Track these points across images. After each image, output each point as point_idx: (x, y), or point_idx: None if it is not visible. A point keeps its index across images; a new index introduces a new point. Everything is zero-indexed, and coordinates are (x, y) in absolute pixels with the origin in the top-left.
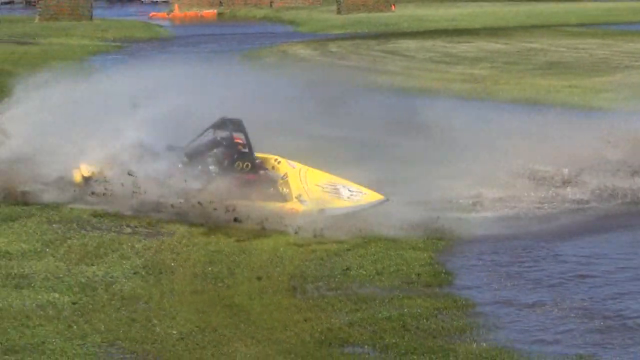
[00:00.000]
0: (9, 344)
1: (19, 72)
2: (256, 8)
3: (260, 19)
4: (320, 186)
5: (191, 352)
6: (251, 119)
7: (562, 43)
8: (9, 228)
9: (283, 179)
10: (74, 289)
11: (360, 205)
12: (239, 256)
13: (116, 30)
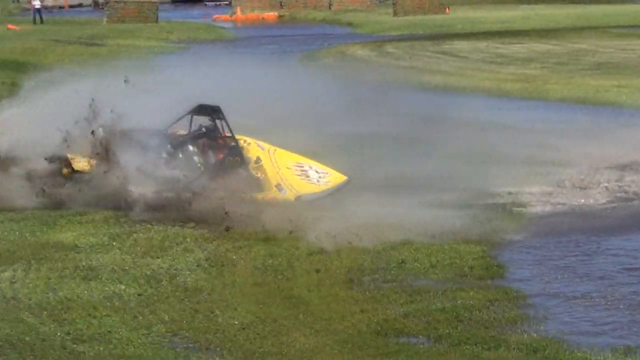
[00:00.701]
0: (77, 333)
1: (87, 73)
2: (315, 10)
3: (319, 21)
4: (290, 169)
5: (252, 342)
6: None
7: (611, 44)
8: (77, 222)
9: (257, 164)
10: (140, 280)
11: (330, 188)
12: (298, 249)
13: (181, 32)
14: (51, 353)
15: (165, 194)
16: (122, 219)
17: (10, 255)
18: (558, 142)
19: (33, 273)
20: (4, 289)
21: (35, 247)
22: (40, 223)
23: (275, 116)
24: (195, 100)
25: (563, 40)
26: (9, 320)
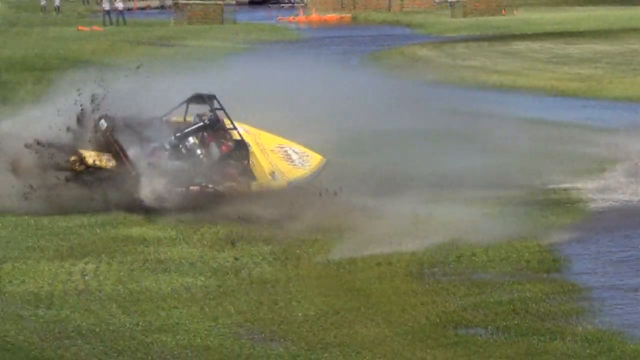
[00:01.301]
0: (145, 324)
1: (161, 72)
2: (377, 12)
3: (380, 22)
4: (275, 152)
5: (315, 333)
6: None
7: None
8: (145, 217)
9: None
10: (206, 273)
11: (314, 171)
12: (359, 242)
13: (246, 33)
14: (121, 343)
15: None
16: (189, 214)
17: (82, 249)
18: (612, 139)
19: (104, 266)
20: (75, 281)
21: (106, 242)
22: (110, 218)
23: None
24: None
25: (616, 40)
26: (80, 312)
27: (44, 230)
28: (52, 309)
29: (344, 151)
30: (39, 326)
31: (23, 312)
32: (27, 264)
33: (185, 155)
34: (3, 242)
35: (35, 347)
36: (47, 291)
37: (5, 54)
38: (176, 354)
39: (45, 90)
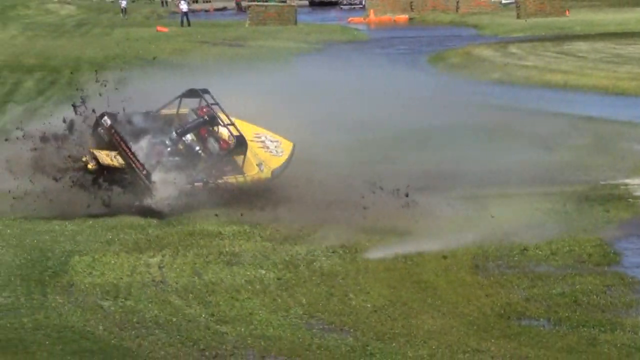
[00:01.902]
0: (220, 315)
1: (230, 72)
2: (443, 13)
3: (446, 23)
4: (254, 141)
5: (383, 323)
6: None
7: None
8: (220, 211)
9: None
10: (279, 266)
11: (288, 158)
12: (427, 236)
13: (318, 34)
14: (196, 333)
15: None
16: (260, 209)
17: (159, 242)
18: None
19: (180, 259)
20: (153, 273)
21: (182, 235)
22: (190, 210)
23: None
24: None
25: None
26: (158, 302)
27: (121, 224)
28: (131, 299)
29: (409, 148)
30: (118, 316)
31: (103, 303)
32: (106, 257)
33: (186, 151)
34: (83, 236)
35: (114, 336)
36: (125, 283)
37: (88, 54)
38: (250, 343)
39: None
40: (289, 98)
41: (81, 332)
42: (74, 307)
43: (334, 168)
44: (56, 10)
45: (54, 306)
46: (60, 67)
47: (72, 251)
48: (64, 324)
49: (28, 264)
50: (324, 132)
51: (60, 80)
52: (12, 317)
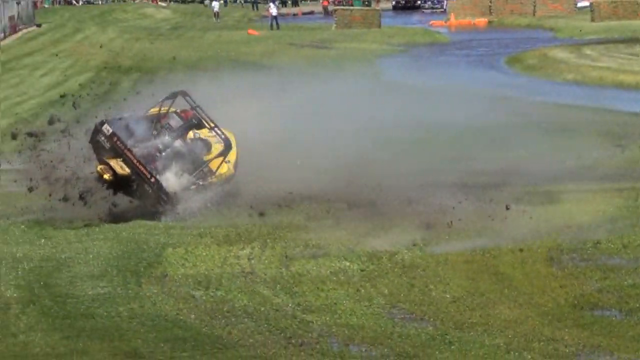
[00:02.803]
0: (306, 304)
1: (318, 72)
2: (521, 16)
3: (524, 26)
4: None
5: (462, 313)
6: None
7: None
8: (306, 206)
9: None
10: (362, 258)
11: (237, 150)
12: (504, 230)
13: (401, 36)
14: (283, 322)
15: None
16: (326, 204)
17: (248, 235)
18: None
19: (268, 251)
20: (242, 264)
21: (271, 228)
22: (276, 205)
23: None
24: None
25: None
26: (247, 292)
27: (212, 218)
28: (221, 290)
29: (486, 145)
30: (209, 305)
31: (195, 293)
32: (198, 249)
33: (178, 154)
34: (176, 229)
35: (205, 325)
36: (216, 274)
37: (182, 56)
38: (334, 331)
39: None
40: (371, 97)
41: (174, 320)
42: (167, 297)
43: (413, 164)
44: (152, 14)
45: (149, 296)
46: (156, 68)
47: (165, 244)
48: (158, 313)
49: (124, 255)
50: (403, 130)
51: (155, 80)
52: (109, 306)
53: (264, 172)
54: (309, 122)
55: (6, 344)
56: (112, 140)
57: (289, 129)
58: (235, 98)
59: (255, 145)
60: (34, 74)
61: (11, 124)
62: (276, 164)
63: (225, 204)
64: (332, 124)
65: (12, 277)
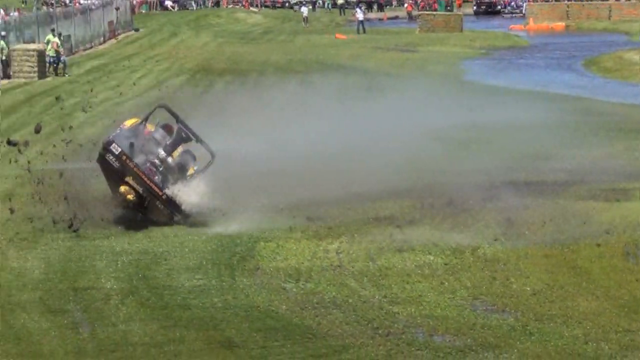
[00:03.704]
0: (392, 297)
1: (403, 75)
2: (597, 21)
3: (600, 30)
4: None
5: (541, 305)
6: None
7: None
8: (392, 203)
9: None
10: (446, 252)
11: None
12: (582, 226)
13: (482, 40)
14: (370, 313)
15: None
16: (410, 201)
17: (337, 229)
18: None
19: (356, 245)
20: (331, 258)
21: (358, 223)
22: (368, 200)
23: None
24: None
25: None
26: (335, 285)
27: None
28: (311, 282)
29: (564, 144)
30: (300, 297)
31: (286, 285)
32: (289, 243)
33: (171, 167)
34: (268, 224)
35: (296, 315)
36: (306, 267)
37: (273, 59)
38: (419, 322)
39: (305, 91)
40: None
41: (266, 311)
42: (259, 289)
43: (492, 162)
44: (244, 19)
45: (242, 288)
46: (247, 71)
47: (258, 238)
48: (251, 304)
49: (218, 249)
50: (482, 129)
51: (247, 82)
52: (204, 298)
53: (351, 170)
54: (391, 123)
55: (107, 333)
56: (121, 159)
57: (372, 131)
58: (322, 100)
59: (343, 144)
60: (132, 76)
61: (110, 124)
62: (362, 163)
63: (310, 200)
64: (413, 125)
65: (112, 270)
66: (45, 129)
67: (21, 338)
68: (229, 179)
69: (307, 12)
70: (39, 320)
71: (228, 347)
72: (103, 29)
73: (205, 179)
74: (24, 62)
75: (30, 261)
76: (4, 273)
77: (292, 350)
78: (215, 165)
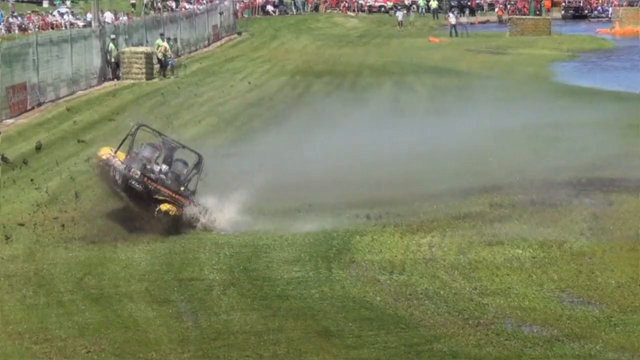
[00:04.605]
0: (482, 289)
1: (493, 76)
2: None
3: None
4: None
5: (626, 297)
6: None
7: None
8: (481, 199)
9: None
10: (534, 246)
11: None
12: None
13: (569, 43)
14: (461, 304)
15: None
16: (499, 198)
17: (429, 224)
18: None
19: (447, 239)
20: (423, 251)
21: (449, 219)
22: (459, 197)
23: None
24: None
25: None
26: (428, 277)
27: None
28: (404, 274)
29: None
30: (393, 289)
31: (380, 277)
32: (383, 237)
33: (175, 176)
34: (362, 219)
35: (389, 306)
36: (400, 260)
37: (369, 61)
38: (508, 313)
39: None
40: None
41: (361, 302)
42: (354, 281)
43: (578, 160)
44: (342, 23)
45: (338, 279)
46: (344, 72)
47: (353, 232)
48: (346, 295)
49: (316, 243)
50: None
51: (344, 84)
52: (302, 289)
53: (442, 167)
54: (481, 121)
55: (209, 322)
56: (144, 181)
57: (463, 129)
58: (415, 99)
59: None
60: (235, 78)
61: (215, 123)
62: (452, 160)
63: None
64: (502, 123)
65: (214, 262)
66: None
67: (128, 326)
68: (325, 175)
69: (401, 16)
70: (145, 310)
71: (324, 336)
72: (207, 33)
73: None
74: (133, 64)
75: (137, 253)
76: (112, 265)
77: (385, 340)
78: (314, 161)
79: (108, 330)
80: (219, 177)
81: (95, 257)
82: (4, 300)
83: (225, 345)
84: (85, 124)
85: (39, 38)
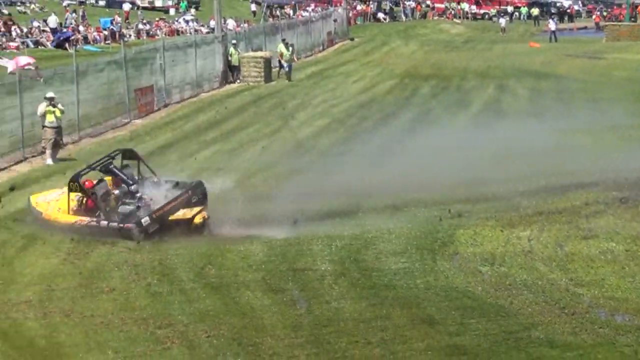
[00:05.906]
0: (577, 280)
1: (589, 79)
2: None
3: None
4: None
5: None
6: None
7: None
8: (578, 194)
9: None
10: (627, 240)
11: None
12: None
13: None
14: (556, 294)
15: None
16: (595, 194)
17: (529, 219)
18: None
19: (545, 233)
20: (523, 244)
21: (547, 213)
22: (554, 193)
23: None
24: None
25: None
26: (526, 269)
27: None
28: (504, 266)
29: None
30: (494, 279)
31: (481, 268)
32: (485, 231)
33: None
34: (465, 214)
35: (490, 296)
36: (500, 252)
37: (472, 66)
38: (601, 303)
39: (502, 94)
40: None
41: (463, 292)
42: (458, 272)
43: None
44: (448, 29)
45: (442, 270)
46: (450, 76)
47: (457, 226)
48: (450, 285)
49: (422, 235)
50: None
51: (450, 86)
52: (408, 279)
53: (541, 164)
54: (578, 122)
55: (321, 309)
56: (153, 217)
57: (560, 128)
58: (517, 102)
59: (536, 141)
60: (347, 81)
61: (328, 123)
62: (551, 158)
63: (504, 192)
64: (599, 124)
65: (326, 253)
66: (270, 127)
67: (245, 313)
68: (429, 172)
69: (504, 23)
70: (261, 298)
71: (429, 324)
72: (322, 38)
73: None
74: (252, 68)
75: (255, 245)
76: (232, 255)
77: (486, 327)
78: (420, 159)
79: (227, 317)
80: (322, 175)
81: (215, 248)
82: (130, 288)
83: (335, 331)
84: (207, 124)
85: (165, 43)
